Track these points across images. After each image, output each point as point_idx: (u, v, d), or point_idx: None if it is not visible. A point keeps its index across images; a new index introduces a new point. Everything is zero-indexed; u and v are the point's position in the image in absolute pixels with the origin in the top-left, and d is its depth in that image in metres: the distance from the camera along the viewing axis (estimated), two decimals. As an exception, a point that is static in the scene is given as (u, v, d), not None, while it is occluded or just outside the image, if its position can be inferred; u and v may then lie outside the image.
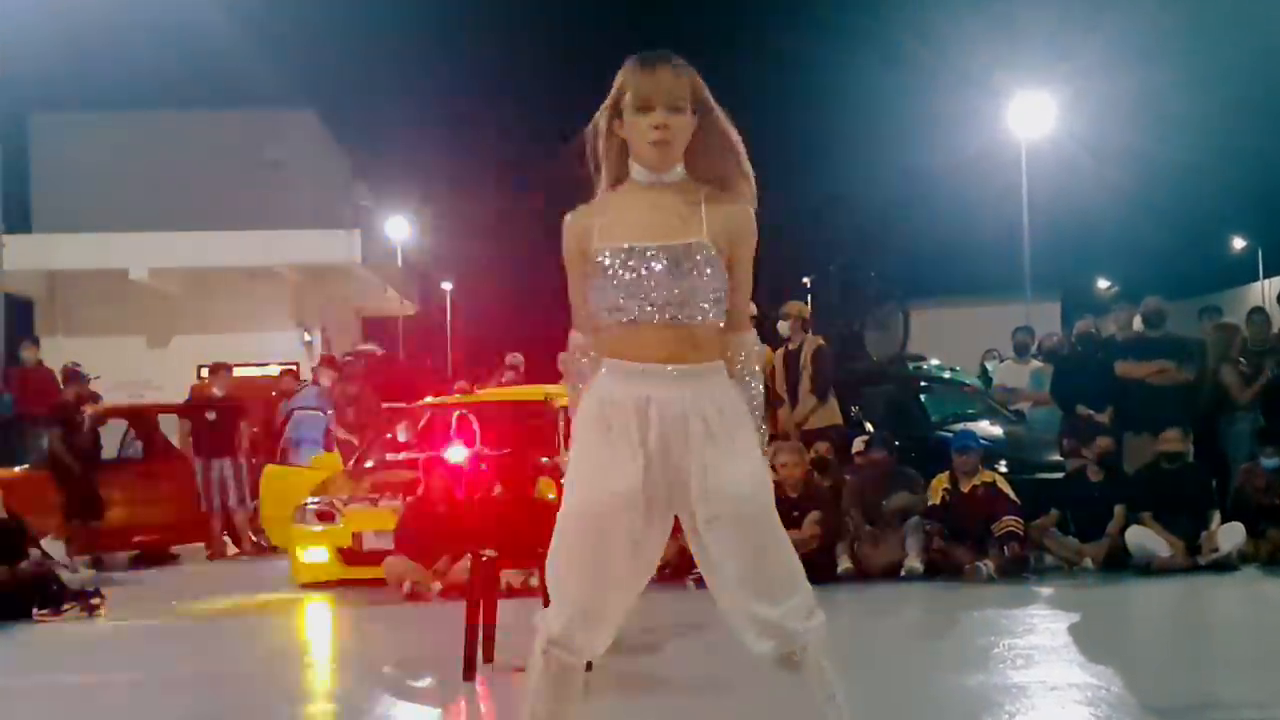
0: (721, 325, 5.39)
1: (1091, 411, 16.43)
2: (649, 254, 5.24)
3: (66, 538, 17.97)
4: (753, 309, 14.29)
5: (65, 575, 16.90)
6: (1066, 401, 17.22)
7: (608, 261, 5.27)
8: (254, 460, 21.19)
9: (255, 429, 22.02)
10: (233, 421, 21.34)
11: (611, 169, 5.49)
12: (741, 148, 5.48)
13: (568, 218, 5.48)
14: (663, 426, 5.25)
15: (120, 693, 10.47)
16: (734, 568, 5.29)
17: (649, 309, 5.25)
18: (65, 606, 14.44)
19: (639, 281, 5.25)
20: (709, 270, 5.27)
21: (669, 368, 5.28)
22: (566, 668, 5.54)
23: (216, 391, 21.75)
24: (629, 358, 5.30)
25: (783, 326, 16.75)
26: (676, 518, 5.49)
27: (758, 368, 5.57)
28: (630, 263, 5.25)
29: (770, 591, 5.32)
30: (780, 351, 16.75)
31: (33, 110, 43.09)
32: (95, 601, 14.68)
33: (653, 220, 5.31)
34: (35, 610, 14.30)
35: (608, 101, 5.44)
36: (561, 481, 13.29)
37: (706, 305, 5.29)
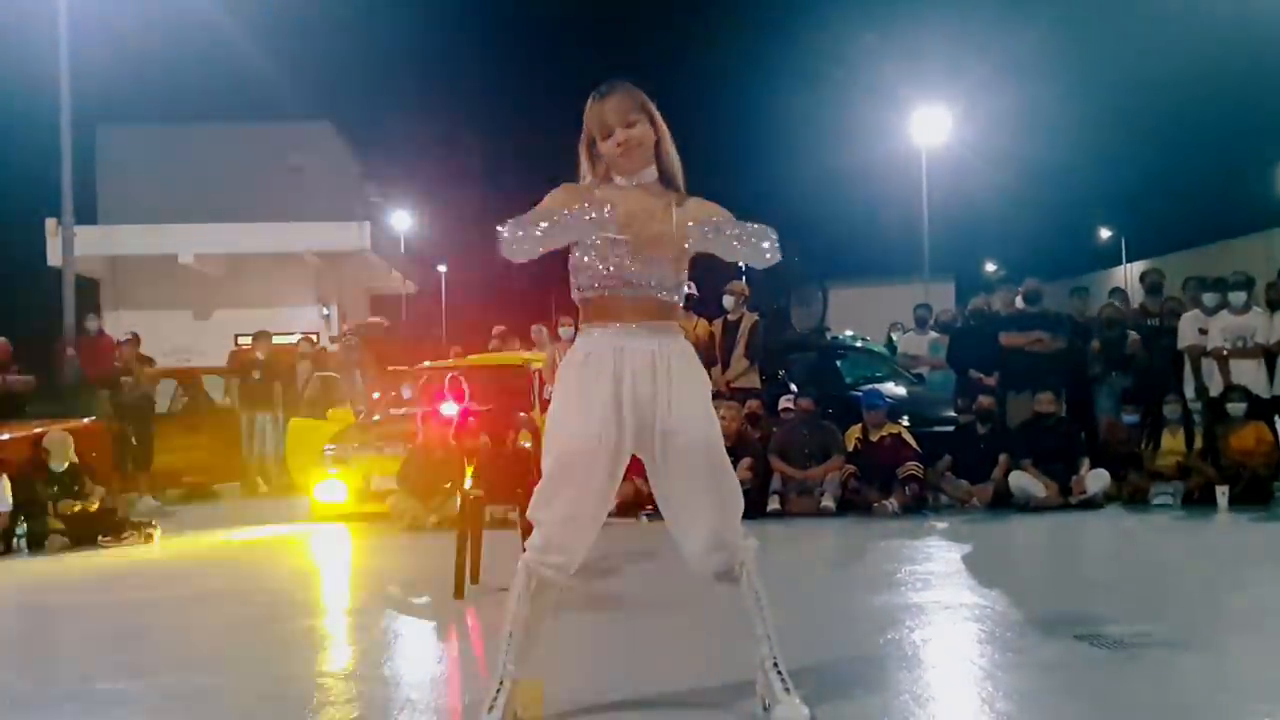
0: (679, 304, 5.71)
1: (981, 375, 16.40)
2: (627, 245, 5.44)
3: (120, 482, 17.98)
4: (693, 289, 14.20)
5: (139, 505, 17.07)
6: (960, 366, 17.20)
7: (596, 248, 5.48)
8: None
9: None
10: (271, 381, 21.36)
11: (590, 180, 5.69)
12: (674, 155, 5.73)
13: (566, 185, 5.64)
14: (634, 366, 5.48)
15: (171, 605, 10.42)
16: (693, 486, 5.55)
17: (624, 289, 5.51)
18: (125, 535, 14.45)
19: (618, 266, 5.48)
20: (674, 261, 5.57)
21: (636, 325, 5.53)
22: (544, 583, 5.74)
23: (259, 355, 21.77)
24: (605, 321, 5.56)
25: (728, 301, 16.70)
26: (632, 463, 5.57)
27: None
28: (614, 246, 5.44)
29: (722, 508, 5.63)
30: (720, 321, 16.72)
31: (98, 122, 42.84)
32: (150, 530, 14.71)
33: (637, 213, 5.46)
34: (100, 537, 14.30)
35: (582, 139, 5.68)
36: (537, 431, 13.31)
37: (669, 289, 5.60)
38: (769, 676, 5.74)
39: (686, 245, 5.53)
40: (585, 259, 5.55)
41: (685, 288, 5.77)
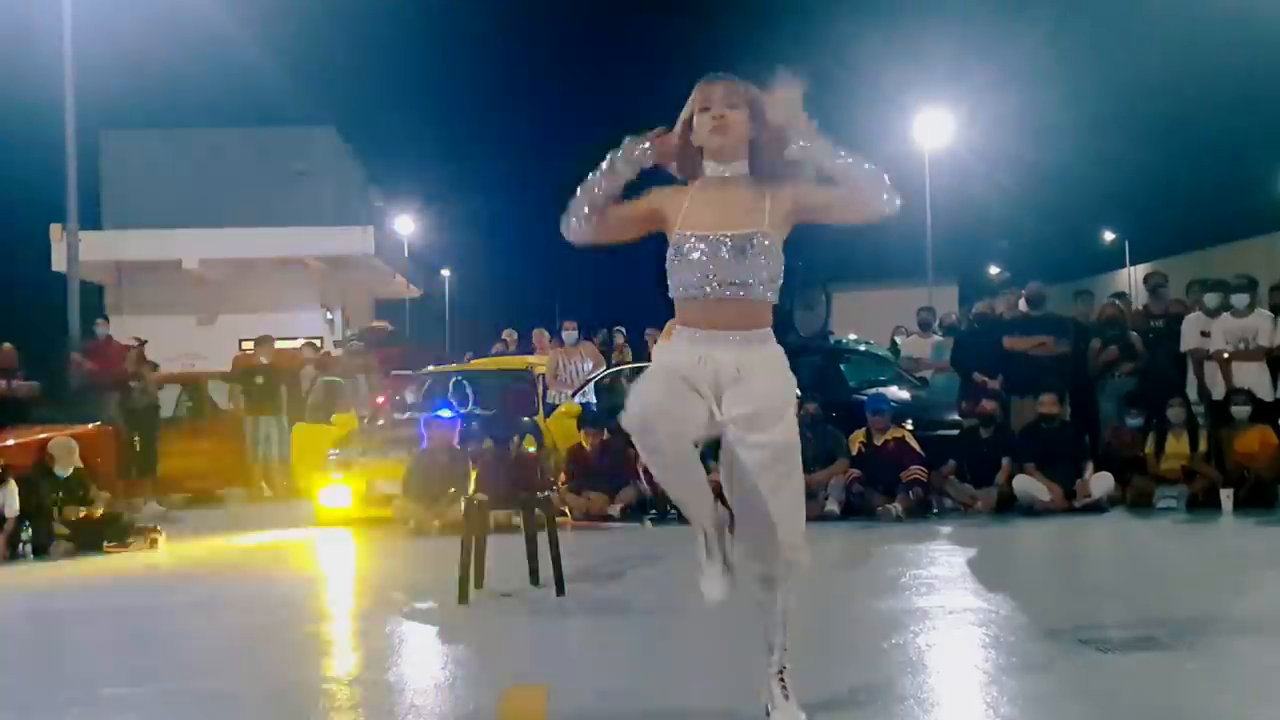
0: (775, 300, 5.58)
1: (984, 378, 16.39)
2: (718, 241, 5.44)
3: (124, 487, 18.04)
4: None
5: (143, 511, 17.10)
6: (963, 369, 17.19)
7: (686, 246, 5.48)
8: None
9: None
10: (276, 386, 21.38)
11: (688, 168, 5.68)
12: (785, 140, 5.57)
13: (660, 188, 5.70)
14: (718, 375, 5.43)
15: (175, 610, 10.45)
16: (761, 490, 5.44)
17: (716, 286, 5.44)
18: (130, 540, 14.47)
19: (709, 263, 5.44)
20: (764, 256, 5.46)
21: (727, 333, 5.46)
22: (657, 438, 5.47)
23: (263, 359, 21.80)
24: (699, 326, 5.49)
25: None
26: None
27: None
28: (703, 247, 5.44)
29: (786, 517, 5.55)
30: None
31: (102, 127, 42.89)
32: (155, 536, 14.74)
33: (724, 213, 5.49)
34: (106, 543, 14.33)
35: (682, 114, 5.64)
36: (541, 436, 13.35)
37: (762, 285, 5.49)
38: (771, 682, 5.80)
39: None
40: (676, 261, 5.55)
41: (779, 279, 5.60)
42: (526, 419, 15.96)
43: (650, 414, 5.43)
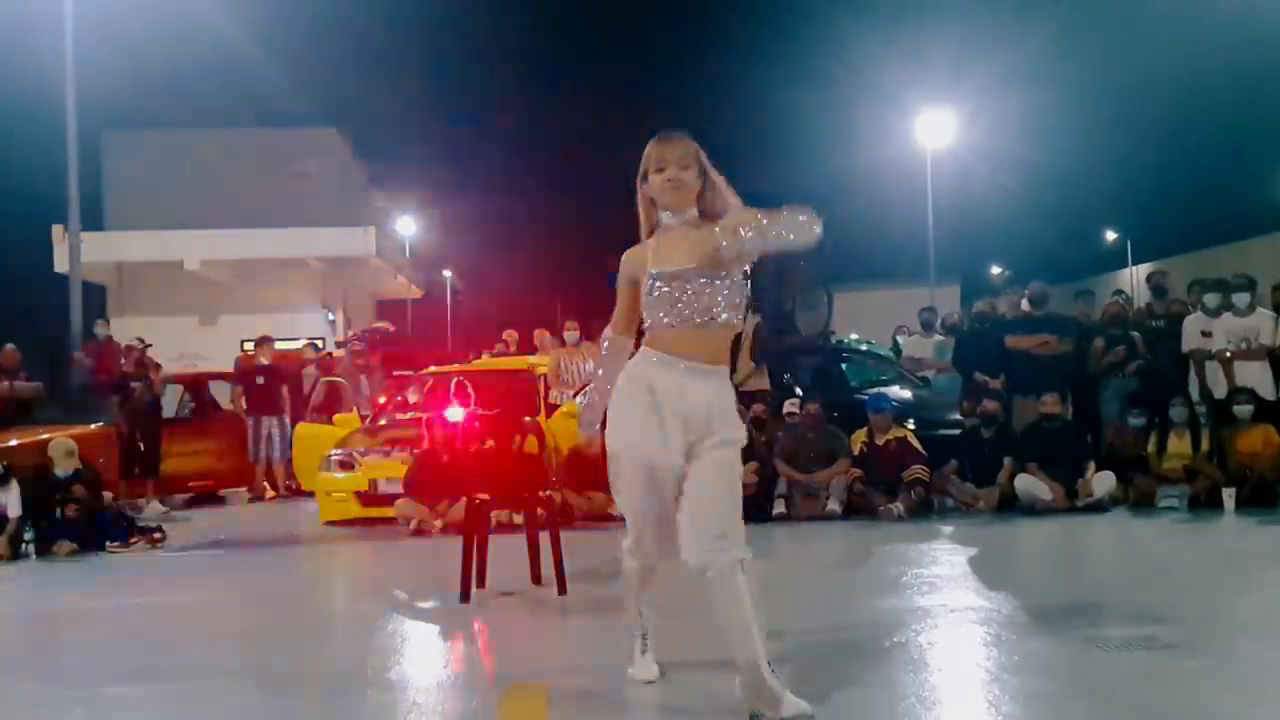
0: (739, 327, 6.30)
1: (986, 378, 16.37)
2: (685, 276, 6.08)
3: (127, 487, 18.09)
4: None
5: (146, 511, 17.10)
6: (965, 369, 17.17)
7: (658, 282, 6.13)
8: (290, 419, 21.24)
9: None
10: (277, 386, 21.38)
11: (646, 219, 6.36)
12: (730, 191, 6.30)
13: (626, 254, 6.39)
14: (689, 408, 6.06)
15: (178, 610, 10.48)
16: (707, 491, 6.00)
17: (687, 314, 6.09)
18: (132, 540, 14.49)
19: (680, 295, 6.09)
20: (726, 286, 6.11)
21: (695, 364, 6.10)
22: (644, 567, 6.64)
23: (263, 360, 21.81)
24: (672, 352, 6.10)
25: None
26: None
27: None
28: (675, 282, 6.09)
29: (726, 514, 6.03)
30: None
31: (104, 129, 42.93)
32: (157, 536, 14.78)
33: (688, 251, 6.10)
34: (108, 543, 14.37)
35: (639, 172, 6.32)
36: (543, 435, 13.52)
37: (727, 312, 6.14)
38: (766, 677, 5.87)
39: (735, 256, 6.01)
40: (649, 298, 6.19)
41: (741, 307, 6.28)
42: (528, 419, 15.93)
43: (647, 536, 6.35)
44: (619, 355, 6.50)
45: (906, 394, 18.34)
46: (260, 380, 21.40)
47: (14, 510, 14.04)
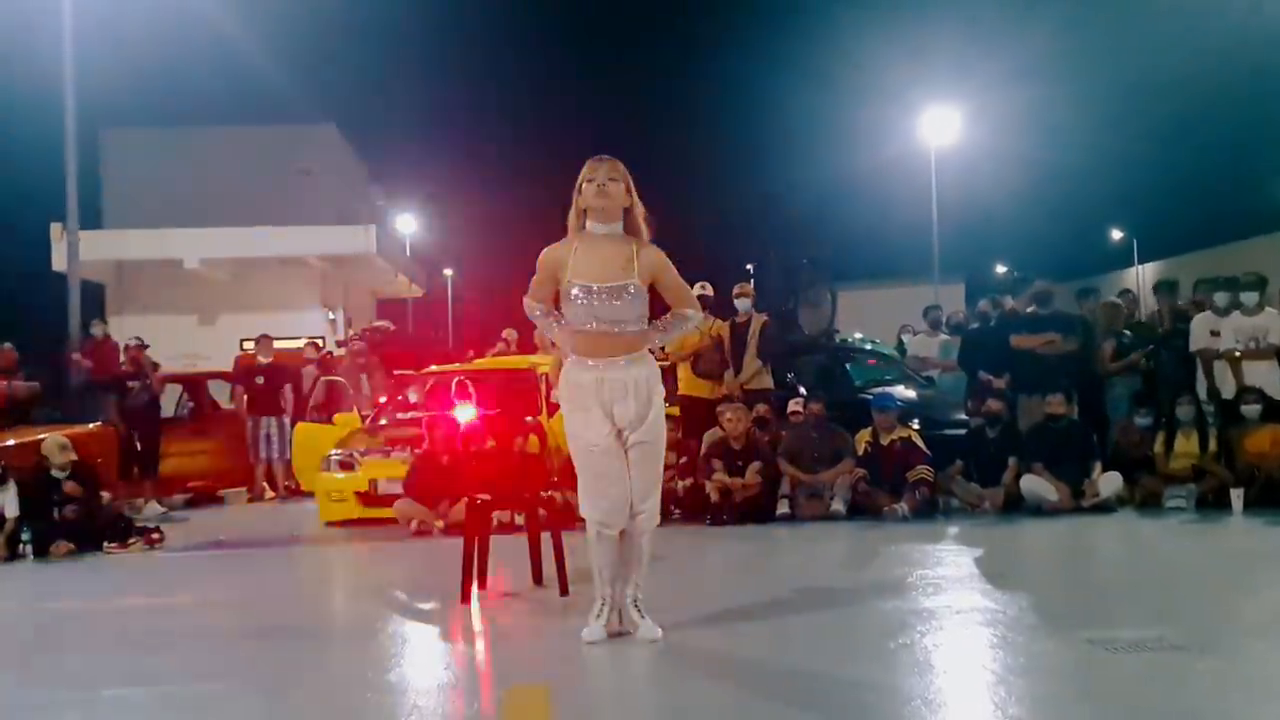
0: (645, 329, 7.87)
1: (991, 377, 16.36)
2: (599, 290, 7.62)
3: (125, 488, 18.10)
4: (708, 290, 15.04)
5: (144, 511, 17.09)
6: (970, 368, 17.15)
7: (576, 293, 7.65)
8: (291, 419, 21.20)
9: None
10: (278, 386, 21.35)
11: (575, 222, 7.81)
12: (646, 218, 7.87)
13: (548, 249, 7.80)
14: (611, 394, 7.73)
15: (176, 611, 10.47)
16: (639, 473, 7.83)
17: (601, 324, 7.65)
18: (130, 541, 14.52)
19: (593, 307, 7.63)
20: (636, 300, 7.72)
21: (606, 362, 7.72)
22: (610, 537, 7.93)
23: (262, 359, 21.78)
24: (588, 355, 7.74)
25: (743, 303, 16.64)
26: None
27: (689, 314, 8.10)
28: (588, 295, 7.63)
29: (649, 491, 7.92)
30: (729, 323, 16.64)
31: (102, 126, 42.96)
32: (155, 536, 14.82)
33: (604, 267, 7.65)
34: (106, 544, 14.39)
35: (577, 184, 7.74)
36: (544, 435, 13.94)
37: (634, 324, 7.75)
38: (629, 610, 7.99)
39: (643, 289, 7.77)
40: (569, 305, 7.71)
41: (645, 317, 7.84)
42: (529, 418, 15.95)
43: (614, 509, 7.87)
44: (545, 314, 7.97)
45: (911, 393, 18.33)
46: (260, 380, 21.36)
47: (11, 510, 14.07)
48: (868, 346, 25.53)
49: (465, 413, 15.88)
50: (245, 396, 21.57)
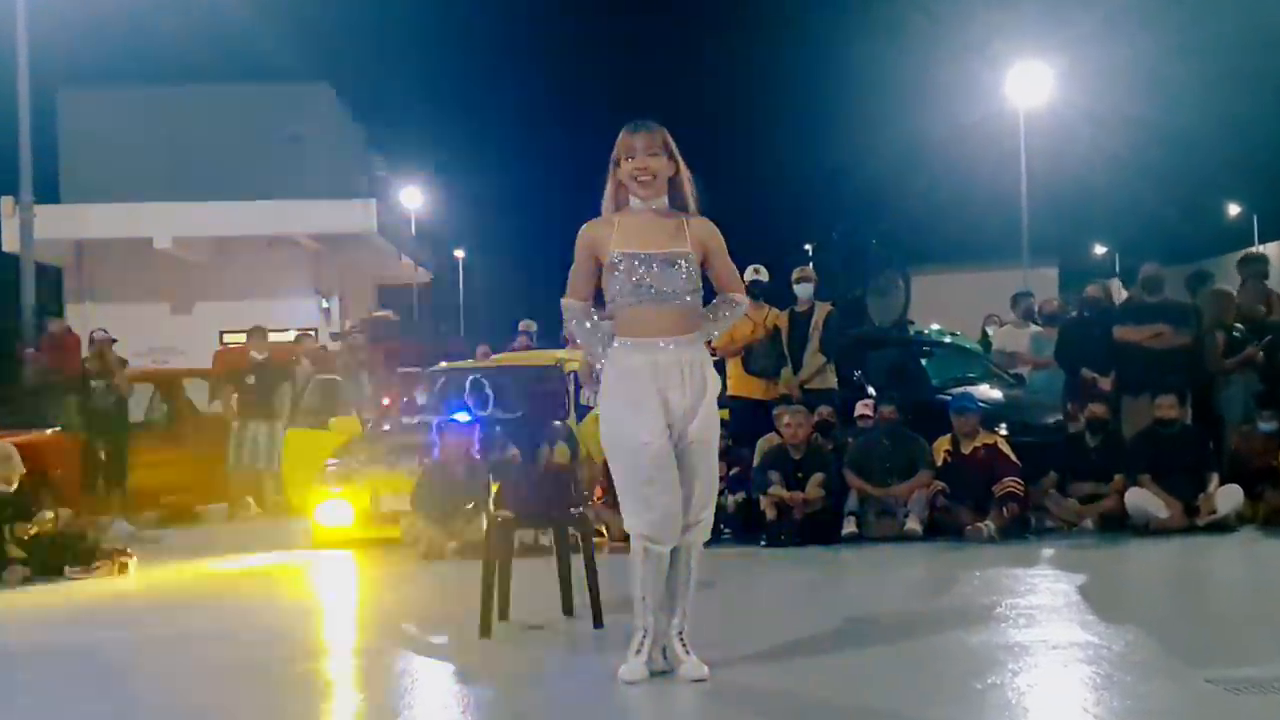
0: (699, 307, 7.95)
1: (1094, 375, 16.30)
2: (650, 259, 7.73)
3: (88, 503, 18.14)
4: (762, 275, 15.24)
5: (111, 531, 17.12)
6: (1069, 365, 17.08)
7: (622, 264, 7.73)
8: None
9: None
10: (269, 385, 21.31)
11: (612, 201, 7.95)
12: (692, 183, 7.97)
13: (585, 226, 7.91)
14: (666, 379, 7.71)
15: (151, 645, 10.50)
16: (695, 477, 7.80)
17: (651, 295, 7.71)
18: (96, 564, 14.50)
19: (643, 277, 7.71)
20: (687, 271, 7.80)
21: (663, 342, 7.75)
22: (659, 555, 7.74)
23: (256, 354, 21.78)
24: (637, 334, 7.77)
25: (805, 289, 16.61)
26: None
27: (739, 299, 8.22)
28: (636, 264, 7.71)
29: (707, 498, 7.93)
30: (788, 312, 16.61)
31: (59, 86, 43.10)
32: (125, 559, 14.78)
33: (652, 236, 7.81)
34: (67, 568, 14.36)
35: (612, 158, 7.86)
36: (573, 443, 13.87)
37: (688, 295, 7.82)
38: (673, 644, 7.89)
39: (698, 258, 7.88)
40: (614, 275, 7.78)
41: (700, 290, 7.93)
42: (557, 423, 15.96)
43: (663, 521, 7.73)
44: (584, 317, 8.02)
45: (997, 394, 18.34)
46: (251, 380, 21.33)
47: (-45, 530, 14.11)
48: (947, 339, 25.48)
49: (472, 417, 15.91)
50: (235, 397, 21.54)
